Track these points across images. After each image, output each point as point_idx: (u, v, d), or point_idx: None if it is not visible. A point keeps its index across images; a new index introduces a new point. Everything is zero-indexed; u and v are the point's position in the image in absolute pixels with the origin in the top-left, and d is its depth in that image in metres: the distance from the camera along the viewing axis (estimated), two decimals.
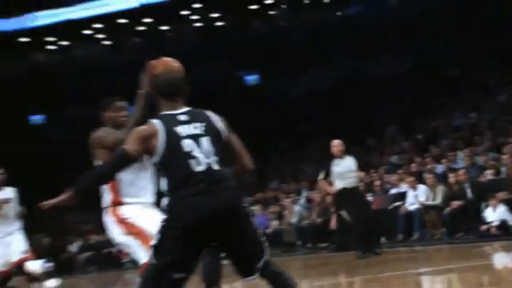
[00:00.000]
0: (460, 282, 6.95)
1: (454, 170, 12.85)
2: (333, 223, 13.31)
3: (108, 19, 28.67)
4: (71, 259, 21.00)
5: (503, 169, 12.37)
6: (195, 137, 3.88)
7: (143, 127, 3.97)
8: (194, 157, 3.83)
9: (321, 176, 10.62)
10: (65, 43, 31.02)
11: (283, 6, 29.24)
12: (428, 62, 23.58)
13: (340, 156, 10.35)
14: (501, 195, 11.44)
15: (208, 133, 3.92)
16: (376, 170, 15.11)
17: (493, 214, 11.26)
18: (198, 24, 29.26)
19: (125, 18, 28.56)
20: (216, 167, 3.86)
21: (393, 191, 13.74)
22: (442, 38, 24.14)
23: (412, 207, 12.57)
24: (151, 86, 4.13)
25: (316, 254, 13.56)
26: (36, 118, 31.95)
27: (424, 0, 27.39)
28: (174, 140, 3.86)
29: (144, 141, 3.89)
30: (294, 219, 15.04)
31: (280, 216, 15.82)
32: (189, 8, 27.64)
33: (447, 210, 11.89)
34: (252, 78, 28.62)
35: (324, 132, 22.11)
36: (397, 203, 13.01)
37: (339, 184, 10.29)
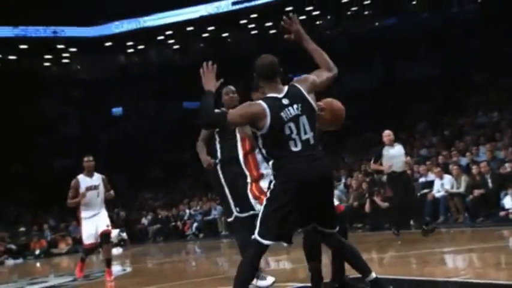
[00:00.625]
0: (480, 261, 6.81)
1: (476, 163, 12.56)
2: (368, 207, 13.25)
3: (177, 27, 28.99)
4: (143, 230, 21.38)
5: None
6: (295, 119, 3.91)
7: (254, 106, 3.96)
8: (293, 139, 3.88)
9: (372, 160, 10.56)
10: (141, 47, 31.51)
11: (328, 17, 29.02)
12: (455, 67, 23.10)
13: (391, 144, 10.17)
14: None
15: (304, 111, 3.94)
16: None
17: (511, 202, 10.99)
18: (254, 32, 29.31)
19: (192, 26, 28.82)
20: (312, 141, 3.91)
21: (422, 179, 13.52)
22: (466, 46, 23.68)
23: (438, 194, 12.35)
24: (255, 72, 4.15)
25: (352, 233, 13.46)
26: (116, 110, 32.60)
27: (450, 14, 26.87)
28: (278, 124, 3.88)
29: (249, 119, 3.93)
30: None
31: None
32: (247, 17, 27.71)
33: (470, 197, 11.66)
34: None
35: (361, 127, 21.91)
36: (425, 191, 12.81)
37: (389, 168, 10.14)
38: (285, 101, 3.93)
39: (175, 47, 31.45)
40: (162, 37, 30.40)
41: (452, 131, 17.64)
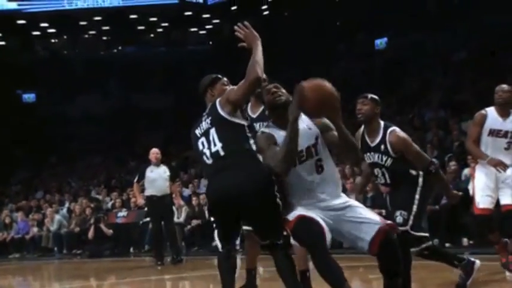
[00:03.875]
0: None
1: (197, 194, 13.23)
2: (91, 233, 13.03)
3: None
4: None
5: None
6: (206, 133, 3.90)
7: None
8: (205, 153, 3.90)
9: (135, 179, 9.88)
10: None
11: (65, 37, 28.30)
12: (187, 101, 24.26)
13: (157, 164, 9.46)
14: None
15: (213, 123, 3.89)
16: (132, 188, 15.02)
17: None
18: None
19: None
20: (222, 152, 3.84)
21: None
22: (198, 82, 25.11)
23: None
24: None
25: (70, 259, 13.16)
26: None
27: (185, 51, 28.36)
28: (195, 141, 3.99)
29: None
30: (53, 227, 14.43)
31: (41, 224, 15.08)
32: None
33: (188, 227, 12.25)
34: (29, 97, 27.15)
35: (91, 151, 21.62)
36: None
37: (149, 190, 9.45)
38: (204, 117, 3.98)
39: None
40: None
41: (178, 162, 18.38)
